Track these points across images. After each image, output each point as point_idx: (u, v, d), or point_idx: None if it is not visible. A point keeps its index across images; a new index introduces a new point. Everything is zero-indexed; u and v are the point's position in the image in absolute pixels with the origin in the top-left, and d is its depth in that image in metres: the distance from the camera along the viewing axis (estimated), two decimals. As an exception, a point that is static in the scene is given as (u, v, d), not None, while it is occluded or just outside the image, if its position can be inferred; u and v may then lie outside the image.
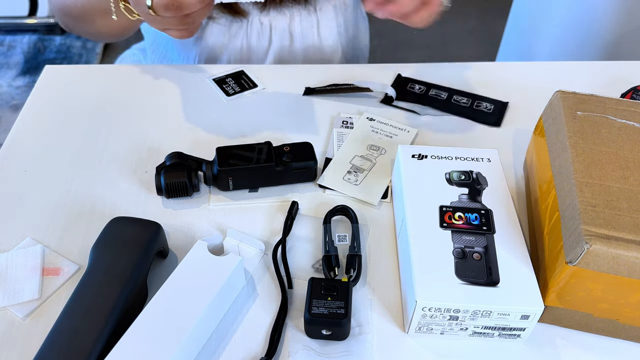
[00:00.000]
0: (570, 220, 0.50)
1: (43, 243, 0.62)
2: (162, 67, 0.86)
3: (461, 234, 0.56)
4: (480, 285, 0.52)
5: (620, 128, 0.58)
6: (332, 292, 0.54)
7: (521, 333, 0.53)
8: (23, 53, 2.27)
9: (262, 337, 0.55)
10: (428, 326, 0.53)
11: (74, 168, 0.70)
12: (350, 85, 0.81)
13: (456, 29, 2.36)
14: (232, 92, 0.82)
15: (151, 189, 0.68)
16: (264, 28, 0.92)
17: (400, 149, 0.64)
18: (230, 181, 0.66)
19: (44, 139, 0.74)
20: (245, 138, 0.75)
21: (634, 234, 0.48)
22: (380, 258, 0.61)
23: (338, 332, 0.53)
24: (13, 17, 2.31)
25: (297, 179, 0.68)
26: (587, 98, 0.61)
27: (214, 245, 0.60)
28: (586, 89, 0.66)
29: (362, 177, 0.69)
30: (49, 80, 0.83)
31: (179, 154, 0.66)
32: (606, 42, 1.27)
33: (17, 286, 0.57)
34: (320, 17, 0.94)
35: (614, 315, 0.52)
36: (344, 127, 0.76)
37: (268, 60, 0.94)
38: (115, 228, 0.58)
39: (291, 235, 0.63)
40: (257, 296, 0.58)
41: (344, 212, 0.64)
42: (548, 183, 0.57)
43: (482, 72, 0.87)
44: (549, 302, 0.53)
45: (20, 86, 2.12)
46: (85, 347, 0.49)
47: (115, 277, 0.54)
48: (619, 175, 0.53)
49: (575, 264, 0.48)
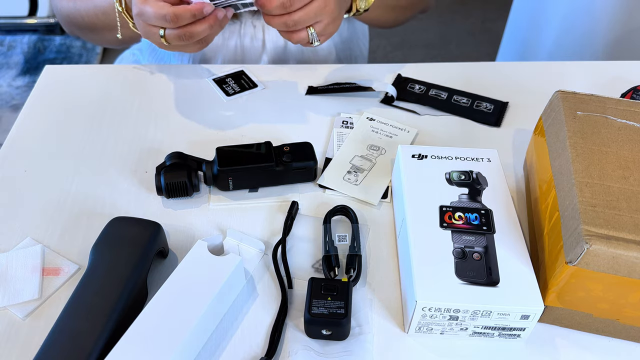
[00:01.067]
0: (570, 220, 0.50)
1: (43, 243, 0.62)
2: (162, 67, 0.86)
3: (461, 234, 0.56)
4: (480, 285, 0.52)
5: (620, 128, 0.58)
6: (332, 292, 0.54)
7: (521, 333, 0.53)
8: (23, 53, 2.27)
9: (262, 337, 0.55)
10: (428, 326, 0.53)
11: (74, 168, 0.70)
12: (353, 85, 0.81)
13: (456, 29, 2.36)
14: (232, 92, 0.82)
15: (151, 189, 0.68)
16: (257, 30, 0.92)
17: (400, 149, 0.64)
18: (230, 181, 0.66)
19: (44, 139, 0.74)
20: (245, 138, 0.75)
21: (634, 234, 0.48)
22: (380, 258, 0.61)
23: (338, 332, 0.53)
24: (13, 17, 2.31)
25: (297, 179, 0.68)
26: (587, 98, 0.61)
27: (214, 245, 0.60)
28: (586, 89, 0.66)
29: (362, 177, 0.69)
30: (49, 80, 0.83)
31: (179, 154, 0.66)
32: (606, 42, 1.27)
33: (17, 286, 0.57)
34: None
35: (614, 315, 0.52)
36: (344, 127, 0.76)
37: (262, 61, 0.94)
38: (115, 228, 0.58)
39: (291, 235, 0.63)
40: (257, 296, 0.58)
41: (344, 212, 0.64)
42: (548, 183, 0.57)
43: (482, 72, 0.87)
44: (549, 302, 0.53)
45: (20, 86, 2.12)
46: (86, 347, 0.49)
47: (115, 277, 0.54)
48: (619, 175, 0.53)
49: (575, 264, 0.48)
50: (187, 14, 0.62)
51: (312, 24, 0.66)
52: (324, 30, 0.68)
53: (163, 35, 0.64)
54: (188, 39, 0.64)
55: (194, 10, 0.62)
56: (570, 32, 1.32)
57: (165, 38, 0.64)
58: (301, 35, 0.67)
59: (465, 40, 2.34)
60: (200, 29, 0.63)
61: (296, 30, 0.67)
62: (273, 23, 0.66)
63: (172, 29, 0.63)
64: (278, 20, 0.65)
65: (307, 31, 0.67)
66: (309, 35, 0.67)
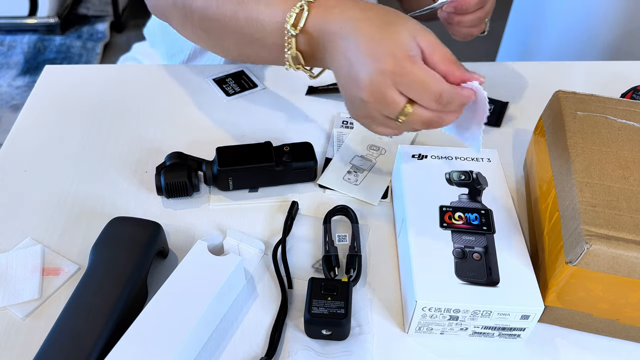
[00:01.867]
0: (570, 220, 0.50)
1: (43, 243, 0.62)
2: (162, 67, 0.86)
3: (461, 233, 0.56)
4: (481, 285, 0.52)
5: (620, 128, 0.58)
6: (332, 292, 0.54)
7: (521, 333, 0.53)
8: (23, 53, 2.27)
9: (262, 337, 0.54)
10: (428, 326, 0.53)
11: (74, 168, 0.70)
12: (351, 85, 0.80)
13: (456, 29, 2.35)
14: (232, 92, 0.82)
15: (151, 189, 0.68)
16: None
17: (400, 149, 0.64)
18: (230, 181, 0.66)
19: (44, 139, 0.74)
20: (245, 138, 0.75)
21: (634, 234, 0.48)
22: (380, 258, 0.61)
23: (338, 332, 0.53)
24: (13, 17, 2.31)
25: (297, 179, 0.68)
26: (587, 98, 0.61)
27: (214, 245, 0.60)
28: (586, 89, 0.66)
29: (362, 177, 0.69)
30: (49, 80, 0.83)
31: (179, 154, 0.66)
32: (606, 42, 1.27)
33: (17, 286, 0.57)
34: None
35: (614, 315, 0.52)
36: (344, 127, 0.76)
37: None
38: (115, 228, 0.58)
39: (291, 235, 0.63)
40: (257, 296, 0.58)
41: (344, 212, 0.64)
42: (548, 183, 0.57)
43: (482, 72, 0.86)
44: (549, 302, 0.53)
45: (20, 86, 2.12)
46: (86, 347, 0.49)
47: (115, 277, 0.54)
48: (619, 175, 0.53)
49: (575, 264, 0.48)
50: (458, 100, 0.48)
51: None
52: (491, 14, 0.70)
53: (404, 112, 0.48)
54: (426, 126, 0.50)
55: (465, 98, 0.48)
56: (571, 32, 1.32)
57: (406, 116, 0.48)
58: (482, 27, 0.70)
59: (465, 40, 2.34)
60: (452, 118, 0.49)
61: (479, 23, 0.69)
62: (466, 19, 0.68)
63: (430, 109, 0.48)
64: (471, 16, 0.68)
65: (485, 21, 0.70)
66: (486, 24, 0.71)
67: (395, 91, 0.47)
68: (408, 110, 0.48)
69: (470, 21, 0.68)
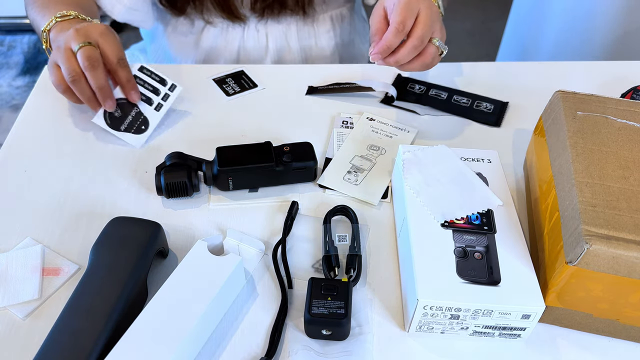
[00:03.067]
0: (570, 220, 0.50)
1: (43, 243, 0.62)
2: (162, 67, 0.86)
3: (462, 233, 0.56)
4: (482, 284, 0.52)
5: (620, 128, 0.58)
6: (332, 292, 0.54)
7: (521, 333, 0.53)
8: (23, 53, 2.27)
9: (262, 337, 0.54)
10: (429, 325, 0.53)
11: (74, 168, 0.70)
12: (353, 85, 0.81)
13: (456, 29, 2.36)
14: (232, 92, 0.82)
15: (151, 189, 0.68)
16: (260, 35, 0.92)
17: (400, 149, 0.64)
18: (230, 181, 0.66)
19: (44, 139, 0.74)
20: (245, 138, 0.75)
21: (634, 234, 0.48)
22: (380, 258, 0.61)
23: (338, 332, 0.53)
24: (13, 17, 2.31)
25: (297, 179, 0.68)
26: (587, 98, 0.61)
27: (214, 245, 0.60)
28: (586, 89, 0.66)
29: (362, 177, 0.69)
30: (49, 80, 0.83)
31: (179, 154, 0.66)
32: (606, 42, 1.27)
33: (17, 286, 0.57)
34: (316, 28, 0.95)
35: (614, 315, 0.52)
36: (344, 127, 0.76)
37: (266, 63, 0.94)
38: (115, 228, 0.58)
39: (291, 235, 0.63)
40: (257, 296, 0.58)
41: (344, 212, 0.64)
42: (548, 183, 0.57)
43: (482, 72, 0.87)
44: (549, 302, 0.53)
45: (20, 86, 2.12)
46: (86, 347, 0.49)
47: (115, 277, 0.54)
48: (619, 175, 0.53)
49: (575, 264, 0.48)
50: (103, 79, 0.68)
51: (431, 33, 0.64)
52: (441, 34, 0.66)
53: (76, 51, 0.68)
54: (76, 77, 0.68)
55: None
56: (571, 32, 1.32)
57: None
58: (431, 50, 0.65)
59: (465, 40, 2.34)
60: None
61: (425, 49, 0.64)
62: (402, 53, 0.63)
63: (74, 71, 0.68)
64: (405, 51, 0.63)
65: (433, 43, 0.65)
66: (437, 45, 0.65)
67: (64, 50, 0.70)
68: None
69: (406, 55, 0.63)
